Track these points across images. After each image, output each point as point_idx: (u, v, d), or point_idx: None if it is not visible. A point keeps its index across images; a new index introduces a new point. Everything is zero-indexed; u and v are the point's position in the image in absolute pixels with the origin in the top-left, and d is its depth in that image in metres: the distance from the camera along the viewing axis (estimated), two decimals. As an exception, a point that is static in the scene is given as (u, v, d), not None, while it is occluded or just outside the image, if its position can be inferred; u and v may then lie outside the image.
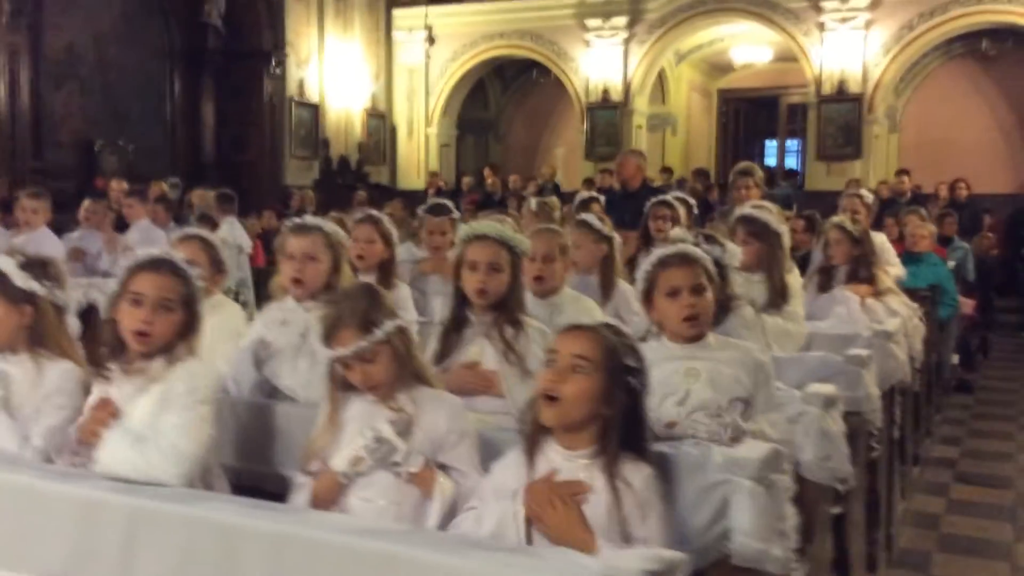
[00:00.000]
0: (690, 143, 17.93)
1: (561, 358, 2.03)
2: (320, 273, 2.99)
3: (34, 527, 2.04)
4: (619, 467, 1.98)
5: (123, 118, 12.69)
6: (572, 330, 2.09)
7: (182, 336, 2.39)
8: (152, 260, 2.40)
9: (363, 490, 2.27)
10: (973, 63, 15.20)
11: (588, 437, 2.03)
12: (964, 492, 5.42)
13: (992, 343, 9.92)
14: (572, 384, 2.00)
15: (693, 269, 2.67)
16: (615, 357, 2.02)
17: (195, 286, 2.41)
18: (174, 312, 2.35)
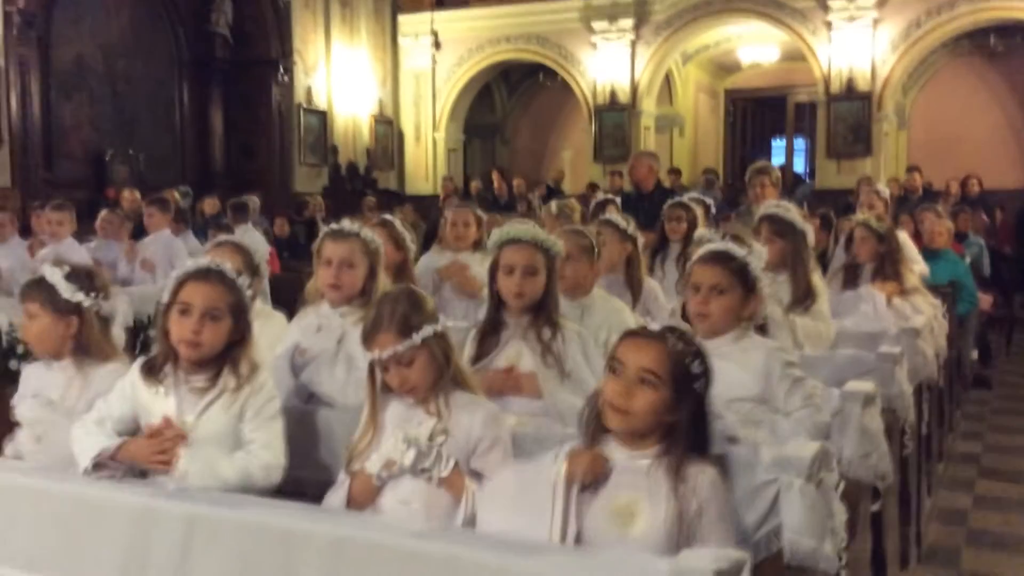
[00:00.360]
0: (698, 144, 17.92)
1: (628, 370, 2.01)
2: (357, 279, 2.99)
3: (87, 536, 2.05)
4: (684, 471, 1.97)
5: (132, 128, 12.74)
6: (637, 339, 2.06)
7: (237, 345, 2.40)
8: (199, 270, 2.42)
9: (397, 492, 2.29)
10: (980, 59, 15.19)
11: (652, 440, 2.03)
12: (989, 487, 5.40)
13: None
14: (641, 398, 1.99)
15: (715, 269, 2.69)
16: (682, 367, 2.01)
17: (243, 294, 2.42)
18: (222, 321, 2.36)
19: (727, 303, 2.69)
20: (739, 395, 2.60)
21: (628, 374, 2.00)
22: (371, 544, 1.76)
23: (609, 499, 2.00)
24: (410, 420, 2.34)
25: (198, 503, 1.99)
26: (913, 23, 13.55)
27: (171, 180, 12.50)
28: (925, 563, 4.31)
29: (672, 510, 1.93)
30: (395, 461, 2.26)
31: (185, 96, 13.59)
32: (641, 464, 2.01)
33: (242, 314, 2.41)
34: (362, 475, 2.30)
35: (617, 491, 2.00)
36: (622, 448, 2.05)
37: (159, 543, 1.97)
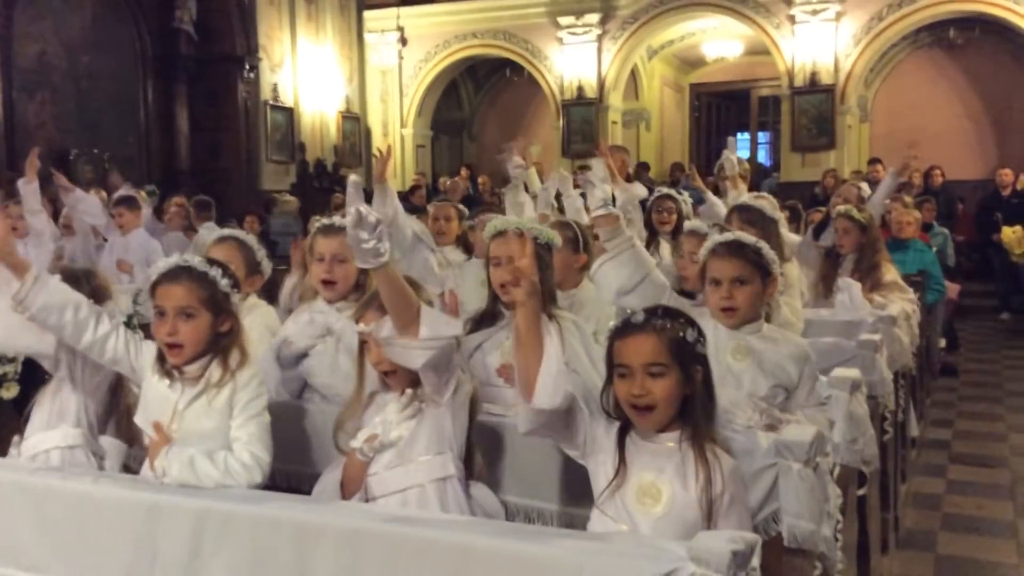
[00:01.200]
0: (664, 138, 18.03)
1: (634, 369, 2.04)
2: (350, 273, 2.99)
3: (95, 533, 2.04)
4: (707, 449, 2.01)
5: (97, 126, 12.55)
6: (630, 336, 2.07)
7: (225, 336, 2.39)
8: (168, 270, 2.40)
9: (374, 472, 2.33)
10: (941, 52, 15.42)
11: (677, 420, 2.07)
12: (961, 472, 5.53)
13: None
14: (658, 388, 2.02)
15: (734, 261, 2.73)
16: (679, 343, 2.04)
17: (218, 286, 2.38)
18: (197, 317, 2.35)
19: (751, 292, 2.74)
20: (782, 382, 2.66)
21: (636, 373, 2.03)
22: (386, 536, 1.77)
23: (636, 479, 2.03)
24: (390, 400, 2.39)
25: (207, 498, 1.99)
26: (875, 16, 13.73)
27: (136, 179, 12.28)
28: (903, 548, 4.40)
29: (699, 490, 1.97)
30: (375, 434, 2.32)
31: (150, 94, 13.39)
32: (667, 447, 2.05)
33: (221, 306, 2.38)
34: (352, 457, 2.35)
35: (643, 471, 2.03)
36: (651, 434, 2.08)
37: (168, 539, 1.98)
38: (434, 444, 2.33)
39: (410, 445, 2.32)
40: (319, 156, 15.44)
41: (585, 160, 13.80)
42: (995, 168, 12.82)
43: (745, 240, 2.80)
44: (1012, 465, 5.62)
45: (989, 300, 11.56)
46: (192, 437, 2.26)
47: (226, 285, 2.41)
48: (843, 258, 4.99)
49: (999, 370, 8.52)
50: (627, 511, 2.00)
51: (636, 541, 1.66)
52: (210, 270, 2.40)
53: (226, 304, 2.40)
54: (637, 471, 2.03)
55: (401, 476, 2.30)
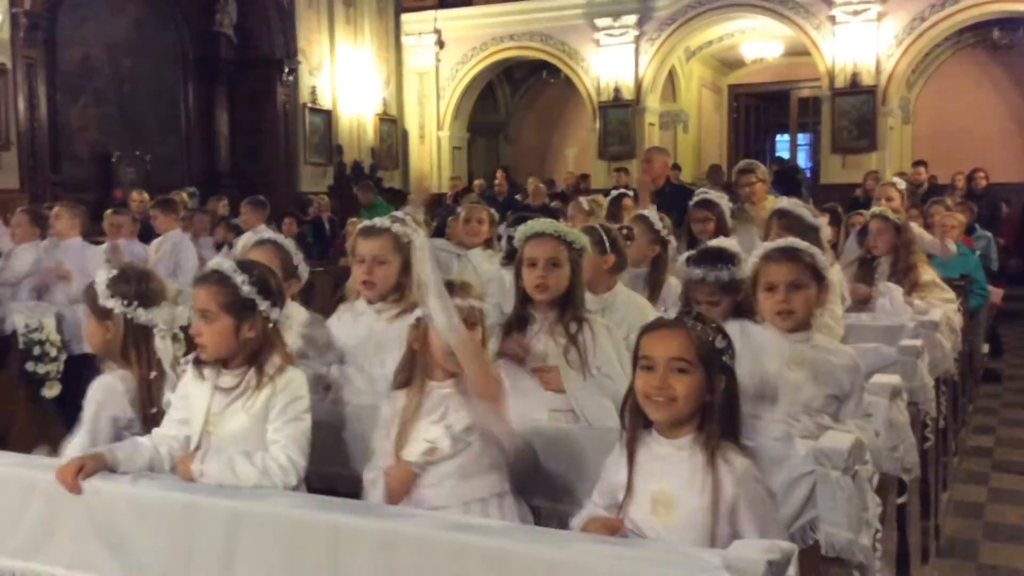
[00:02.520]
0: (702, 140, 17.93)
1: (658, 362, 2.03)
2: (390, 275, 3.01)
3: (131, 534, 2.06)
4: (719, 453, 2.00)
5: (138, 129, 12.75)
6: (659, 331, 2.08)
7: (261, 343, 2.39)
8: (199, 275, 2.44)
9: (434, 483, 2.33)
10: (984, 53, 15.19)
11: (690, 426, 2.05)
12: (1004, 480, 5.42)
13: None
14: (680, 385, 2.01)
15: (790, 266, 2.71)
16: (708, 345, 2.04)
17: (240, 291, 2.36)
18: (215, 321, 2.35)
19: (807, 297, 2.72)
20: (835, 392, 2.64)
21: (660, 367, 2.03)
22: (421, 539, 1.77)
23: (649, 488, 2.03)
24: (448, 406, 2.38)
25: (243, 499, 2.00)
26: (917, 17, 13.55)
27: (177, 181, 12.50)
28: (944, 557, 4.32)
29: (709, 496, 1.96)
30: (436, 448, 2.32)
31: (190, 96, 13.60)
32: (680, 453, 2.04)
33: (247, 311, 2.37)
34: (401, 465, 2.34)
35: (657, 479, 2.03)
36: (662, 439, 2.08)
37: (204, 539, 1.99)
38: (495, 458, 2.36)
39: (472, 459, 2.33)
40: (356, 158, 15.55)
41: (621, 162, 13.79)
42: (1040, 171, 12.61)
43: (799, 245, 2.78)
44: (1057, 474, 5.51)
45: (1034, 305, 11.34)
46: (227, 441, 2.28)
47: (251, 291, 2.37)
48: (878, 261, 4.92)
49: (1044, 376, 8.36)
50: (641, 523, 2.00)
51: (668, 549, 1.65)
52: (236, 275, 2.39)
53: (250, 309, 2.38)
54: (649, 481, 2.03)
55: (463, 489, 2.32)
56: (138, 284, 2.62)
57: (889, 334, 4.03)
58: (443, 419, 2.36)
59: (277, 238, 3.29)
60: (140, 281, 2.63)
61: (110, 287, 2.59)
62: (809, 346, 2.69)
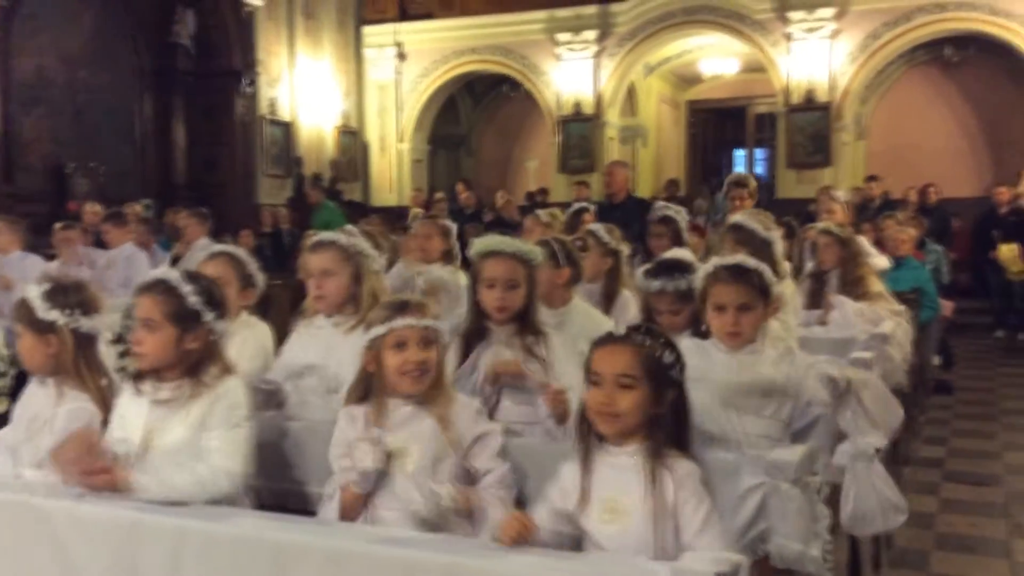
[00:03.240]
0: (660, 154, 18.08)
1: (605, 378, 2.07)
2: (340, 287, 3.00)
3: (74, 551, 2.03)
4: (662, 458, 2.03)
5: (93, 140, 12.56)
6: (607, 347, 2.11)
7: (200, 354, 2.37)
8: (144, 283, 2.42)
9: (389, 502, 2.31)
10: (936, 70, 15.49)
11: (638, 436, 2.09)
12: (955, 491, 5.50)
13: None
14: (624, 401, 2.05)
15: (739, 287, 2.73)
16: (654, 360, 2.07)
17: (186, 302, 2.36)
18: (158, 330, 2.33)
19: (755, 317, 2.75)
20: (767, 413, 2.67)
21: (607, 382, 2.07)
22: (369, 556, 1.76)
23: (600, 496, 2.06)
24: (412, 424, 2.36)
25: (188, 517, 1.97)
26: (871, 35, 13.79)
27: (132, 193, 12.34)
28: (895, 567, 4.37)
29: (652, 501, 1.99)
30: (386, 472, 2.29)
31: (147, 108, 13.42)
32: (629, 460, 2.07)
33: (191, 322, 2.35)
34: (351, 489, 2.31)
35: (608, 487, 2.06)
36: (611, 448, 2.11)
37: (148, 558, 1.96)
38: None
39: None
40: (316, 170, 15.46)
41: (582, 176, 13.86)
42: (990, 185, 12.86)
43: (747, 265, 2.80)
44: (1006, 483, 5.60)
45: (984, 318, 11.56)
46: (166, 454, 2.25)
47: (197, 302, 2.36)
48: (829, 275, 5.00)
49: (994, 388, 8.51)
50: (593, 530, 2.02)
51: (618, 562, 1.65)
52: (182, 285, 2.37)
53: (195, 320, 2.36)
54: (601, 489, 2.06)
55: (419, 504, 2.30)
56: (77, 293, 2.58)
57: (841, 346, 4.07)
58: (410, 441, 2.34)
59: (230, 249, 3.27)
60: (76, 290, 2.60)
61: (48, 300, 2.53)
62: (757, 359, 2.72)
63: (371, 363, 2.40)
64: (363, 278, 3.03)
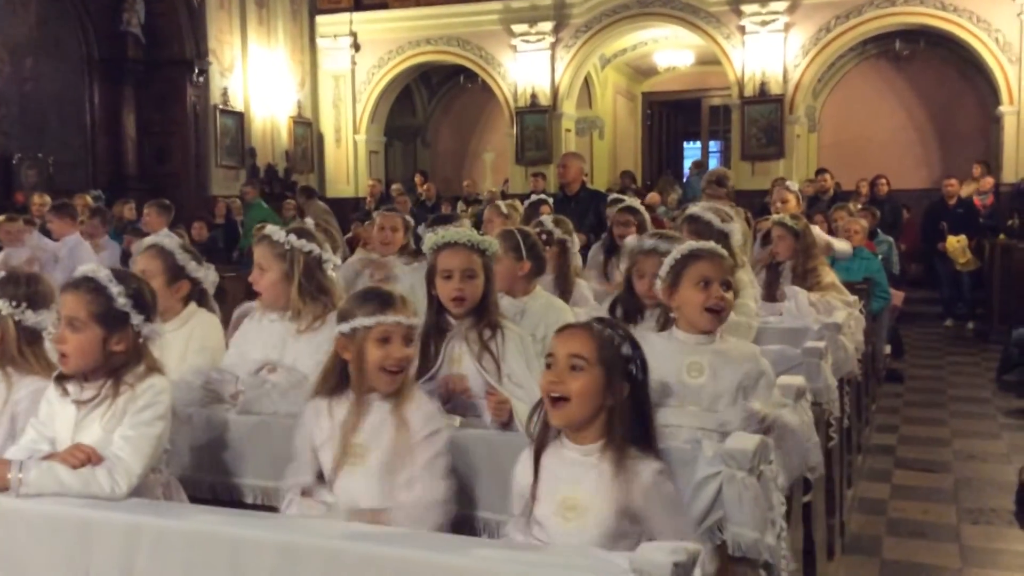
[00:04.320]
0: (617, 146, 18.14)
1: (558, 359, 2.06)
2: (270, 283, 2.96)
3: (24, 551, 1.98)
4: (625, 459, 2.01)
5: (41, 130, 12.29)
6: (565, 330, 2.13)
7: (120, 356, 2.30)
8: (73, 279, 2.35)
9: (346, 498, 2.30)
10: (887, 63, 15.71)
11: (596, 431, 2.07)
12: (906, 478, 5.60)
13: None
14: (573, 382, 2.03)
15: (723, 265, 2.75)
16: (610, 348, 2.06)
17: (115, 302, 2.29)
18: (83, 330, 2.26)
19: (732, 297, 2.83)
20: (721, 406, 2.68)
21: (559, 363, 2.06)
22: (323, 550, 1.74)
23: (556, 493, 2.04)
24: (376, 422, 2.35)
25: (140, 513, 1.94)
26: (823, 28, 13.94)
27: (82, 184, 12.13)
28: (849, 553, 4.45)
29: (615, 503, 1.98)
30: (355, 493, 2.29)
31: (96, 97, 13.15)
32: (587, 459, 2.05)
33: (117, 322, 2.29)
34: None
35: (566, 485, 2.04)
36: (570, 444, 2.10)
37: (101, 556, 1.92)
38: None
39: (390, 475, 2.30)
40: (270, 161, 15.30)
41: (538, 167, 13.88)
42: (940, 177, 13.09)
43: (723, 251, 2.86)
44: (956, 470, 5.71)
45: (934, 307, 11.79)
46: None
47: (125, 304, 2.29)
48: (783, 266, 5.07)
49: (943, 376, 8.67)
50: (549, 527, 2.01)
51: (576, 552, 1.65)
52: (112, 284, 2.30)
53: (122, 322, 2.29)
54: (558, 486, 2.05)
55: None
56: (27, 286, 2.55)
57: (793, 336, 4.12)
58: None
59: (159, 242, 3.22)
60: (29, 283, 2.56)
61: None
62: (711, 350, 2.73)
63: (347, 351, 2.36)
64: (293, 277, 2.98)
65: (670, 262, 2.81)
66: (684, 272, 2.76)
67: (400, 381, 2.35)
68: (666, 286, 2.81)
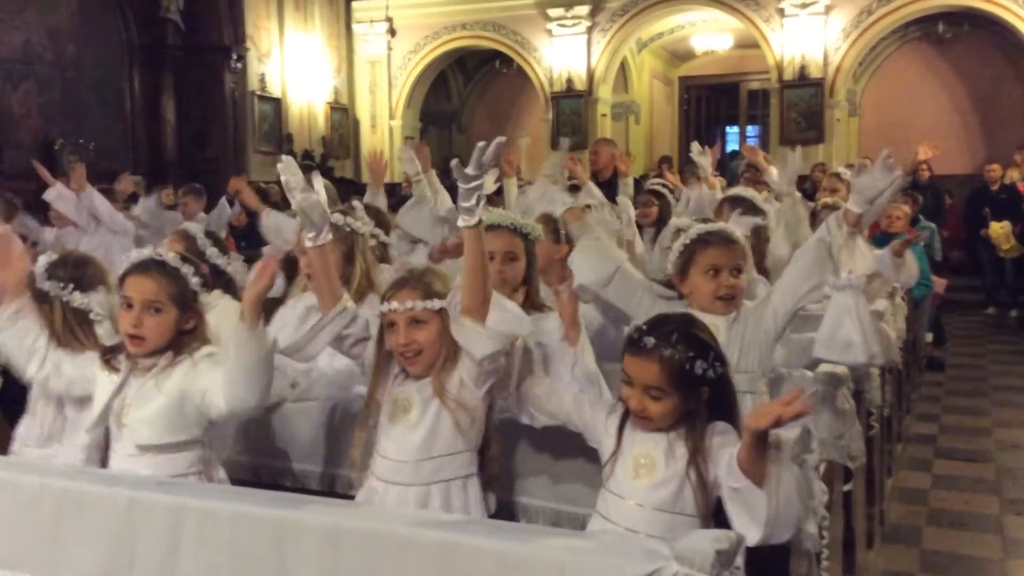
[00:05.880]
0: (653, 131, 18.02)
1: (635, 385, 2.09)
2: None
3: (71, 530, 2.01)
4: (704, 441, 2.05)
5: (82, 116, 12.45)
6: (636, 357, 2.09)
7: (187, 333, 2.39)
8: (139, 263, 2.39)
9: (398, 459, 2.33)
10: (929, 46, 15.45)
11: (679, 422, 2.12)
12: (947, 467, 5.53)
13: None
14: (654, 408, 2.07)
15: (734, 250, 2.73)
16: (682, 373, 2.05)
17: (188, 283, 2.39)
18: (164, 313, 2.34)
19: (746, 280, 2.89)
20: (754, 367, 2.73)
21: (636, 391, 2.09)
22: (366, 533, 1.75)
23: (631, 453, 2.10)
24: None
25: (186, 495, 1.96)
26: (864, 10, 13.74)
27: (122, 169, 12.14)
28: (889, 542, 4.41)
29: (690, 477, 2.03)
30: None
31: (136, 83, 13.30)
32: (664, 440, 2.10)
33: (189, 304, 2.39)
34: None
35: (641, 444, 2.10)
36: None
37: (147, 536, 1.95)
38: (459, 441, 2.32)
39: (432, 440, 2.29)
40: (307, 147, 15.38)
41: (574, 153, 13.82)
42: (982, 163, 12.85)
43: (731, 231, 2.86)
44: (997, 460, 5.63)
45: (976, 295, 11.61)
46: (139, 424, 2.26)
47: (196, 283, 2.40)
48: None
49: (985, 364, 8.54)
50: (624, 485, 2.06)
51: (619, 540, 1.65)
52: (182, 266, 2.39)
53: (193, 302, 2.39)
54: (632, 446, 2.10)
55: (425, 471, 2.28)
56: (75, 268, 2.59)
57: (835, 323, 4.06)
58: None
59: (185, 227, 3.29)
60: (78, 266, 2.61)
61: (47, 270, 2.58)
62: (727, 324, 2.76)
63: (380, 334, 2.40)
64: (355, 259, 3.00)
65: (679, 248, 2.81)
66: (693, 259, 2.76)
67: (420, 364, 2.33)
68: (676, 272, 2.80)
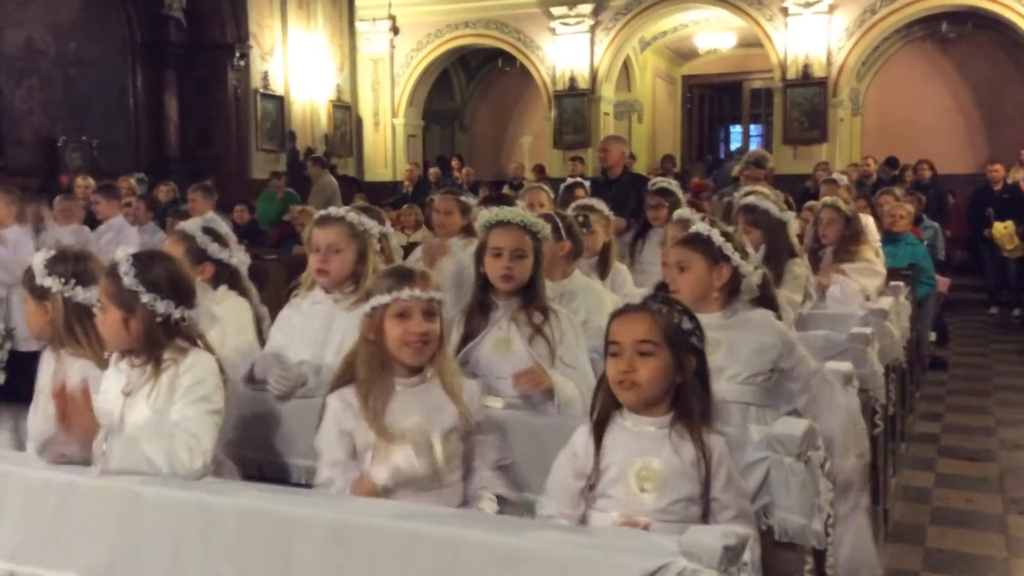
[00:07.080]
0: (656, 129, 18.01)
1: (624, 347, 2.06)
2: (345, 263, 2.97)
3: (76, 525, 2.01)
4: (698, 431, 2.03)
5: (85, 114, 12.46)
6: (625, 315, 2.11)
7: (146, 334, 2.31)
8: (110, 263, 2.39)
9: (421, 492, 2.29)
10: (932, 46, 15.43)
11: (666, 405, 2.08)
12: (950, 466, 5.52)
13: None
14: (644, 368, 2.04)
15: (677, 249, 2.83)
16: (673, 327, 2.06)
17: (121, 281, 2.30)
18: (107, 311, 2.32)
19: (694, 278, 2.81)
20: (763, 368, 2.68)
21: (626, 351, 2.05)
22: (372, 529, 1.74)
23: (629, 465, 2.05)
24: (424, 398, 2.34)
25: (192, 490, 1.96)
26: (868, 9, 13.72)
27: (125, 167, 12.24)
28: (892, 541, 4.40)
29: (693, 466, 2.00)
30: (406, 472, 2.26)
31: (139, 81, 13.30)
32: (660, 431, 2.06)
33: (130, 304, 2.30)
34: (366, 483, 2.25)
35: (637, 457, 2.05)
36: (634, 417, 2.10)
37: (152, 530, 1.94)
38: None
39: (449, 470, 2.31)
40: (309, 145, 15.38)
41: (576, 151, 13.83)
42: (985, 162, 12.81)
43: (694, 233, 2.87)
44: (1001, 459, 5.62)
45: (979, 294, 11.59)
46: (132, 426, 2.24)
47: (131, 284, 2.31)
48: (824, 251, 4.98)
49: (988, 364, 8.53)
50: (620, 497, 2.02)
51: (626, 536, 1.64)
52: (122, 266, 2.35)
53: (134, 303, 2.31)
54: (629, 458, 2.05)
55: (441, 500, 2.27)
56: (75, 264, 2.58)
57: (839, 322, 4.07)
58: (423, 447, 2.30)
59: (182, 226, 3.27)
60: (78, 261, 2.60)
61: (47, 267, 2.56)
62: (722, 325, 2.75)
63: (371, 331, 2.35)
64: (367, 257, 3.01)
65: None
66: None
67: (427, 354, 2.33)
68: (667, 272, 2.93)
